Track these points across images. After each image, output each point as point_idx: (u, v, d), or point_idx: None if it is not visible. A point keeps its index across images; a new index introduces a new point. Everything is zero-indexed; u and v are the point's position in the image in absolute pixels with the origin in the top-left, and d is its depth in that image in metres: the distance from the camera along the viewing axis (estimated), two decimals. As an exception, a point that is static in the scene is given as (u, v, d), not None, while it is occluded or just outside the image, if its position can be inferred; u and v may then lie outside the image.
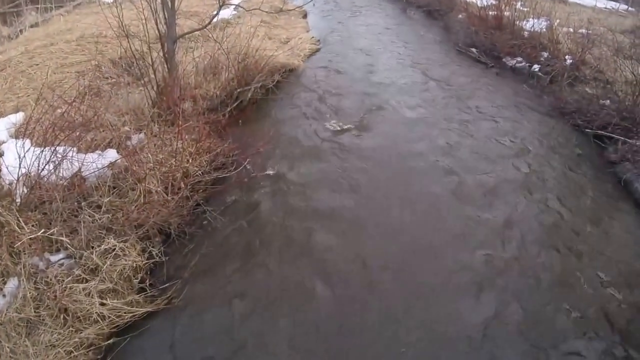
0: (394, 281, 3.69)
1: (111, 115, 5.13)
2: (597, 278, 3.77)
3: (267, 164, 5.23)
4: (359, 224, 4.32)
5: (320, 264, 3.83)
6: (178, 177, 4.47)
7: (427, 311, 3.43)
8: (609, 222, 4.54)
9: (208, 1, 10.83)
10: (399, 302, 3.49)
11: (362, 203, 4.63)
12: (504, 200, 4.72)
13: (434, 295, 3.57)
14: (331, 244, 4.06)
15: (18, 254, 3.37)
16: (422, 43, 10.54)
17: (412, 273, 3.77)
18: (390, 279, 3.71)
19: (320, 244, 4.05)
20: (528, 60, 8.76)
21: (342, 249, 4.01)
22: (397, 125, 6.24)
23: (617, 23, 11.42)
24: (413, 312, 3.41)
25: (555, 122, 6.60)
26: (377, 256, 3.93)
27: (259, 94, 7.10)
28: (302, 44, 9.50)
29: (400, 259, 3.92)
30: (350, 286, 3.64)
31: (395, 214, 4.47)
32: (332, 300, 3.51)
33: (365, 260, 3.88)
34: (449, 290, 3.61)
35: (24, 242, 3.37)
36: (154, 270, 3.76)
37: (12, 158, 3.93)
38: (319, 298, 3.53)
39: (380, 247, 4.04)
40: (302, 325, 3.32)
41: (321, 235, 4.15)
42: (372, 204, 4.63)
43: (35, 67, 6.40)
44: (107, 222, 3.82)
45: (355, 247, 4.03)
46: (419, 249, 4.03)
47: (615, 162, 5.54)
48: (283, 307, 3.46)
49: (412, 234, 4.22)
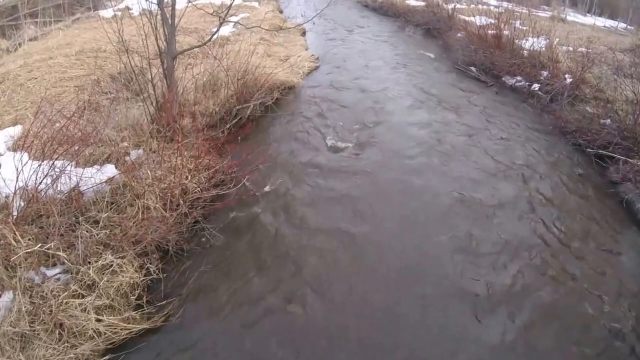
0: (389, 301, 3.73)
1: (110, 131, 5.22)
2: (599, 303, 3.80)
3: (266, 181, 5.31)
4: (357, 244, 4.37)
5: (318, 284, 3.87)
6: (177, 193, 4.54)
7: (425, 335, 3.46)
8: (611, 244, 4.59)
9: (208, 18, 11.01)
10: (393, 323, 3.54)
11: (361, 222, 4.69)
12: (503, 221, 4.79)
13: (431, 319, 3.60)
14: (329, 263, 4.11)
15: (14, 268, 3.42)
16: (421, 61, 10.78)
17: (407, 296, 3.80)
18: (386, 299, 3.75)
19: (318, 264, 4.10)
20: (528, 79, 8.92)
21: (340, 268, 4.06)
22: (395, 144, 6.36)
23: (617, 41, 11.67)
24: (406, 337, 3.44)
25: (556, 141, 6.72)
26: (376, 276, 3.98)
27: (258, 111, 7.23)
28: (301, 62, 9.71)
29: (396, 279, 3.96)
30: (347, 307, 3.67)
31: (392, 233, 4.54)
32: (329, 321, 3.54)
33: (364, 281, 3.92)
34: (445, 315, 3.64)
35: (20, 256, 3.41)
36: (151, 287, 3.80)
37: (9, 171, 3.99)
38: (316, 318, 3.56)
39: (378, 267, 4.08)
40: (300, 345, 3.34)
41: (319, 255, 4.20)
42: (370, 222, 4.69)
43: (33, 80, 6.51)
44: (104, 238, 3.86)
45: (353, 267, 4.08)
46: (415, 270, 4.08)
47: (616, 182, 5.59)
48: (281, 327, 3.49)
49: (408, 254, 4.27)
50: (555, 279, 4.03)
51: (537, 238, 4.55)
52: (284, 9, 16.22)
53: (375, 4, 18.33)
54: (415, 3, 16.40)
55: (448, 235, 4.50)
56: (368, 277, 3.96)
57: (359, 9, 18.15)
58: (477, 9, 12.95)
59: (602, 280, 4.06)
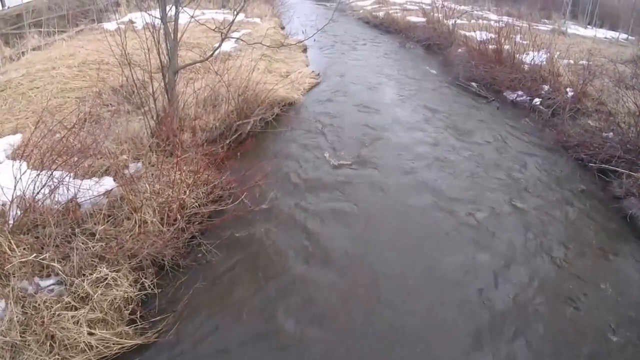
0: (387, 322, 3.77)
1: (110, 143, 5.32)
2: (603, 320, 3.85)
3: (265, 198, 5.39)
4: (355, 264, 4.42)
5: (314, 306, 3.91)
6: (174, 208, 4.60)
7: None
8: (615, 260, 4.65)
9: (210, 33, 11.21)
10: (390, 345, 3.56)
11: (360, 241, 4.76)
12: (505, 238, 4.86)
13: (431, 342, 3.63)
14: (326, 283, 4.16)
15: (7, 277, 3.46)
16: (422, 77, 11.04)
17: (405, 318, 3.84)
18: (385, 322, 3.79)
19: (316, 285, 4.14)
20: (529, 94, 9.09)
21: (337, 289, 4.11)
22: (395, 161, 6.49)
23: (618, 53, 11.88)
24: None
25: (558, 156, 6.84)
26: (375, 299, 4.01)
27: (258, 127, 7.38)
28: (302, 78, 9.95)
29: (394, 301, 4.00)
30: (344, 330, 3.70)
31: (391, 253, 4.60)
32: (325, 344, 3.57)
33: (362, 303, 3.96)
34: (445, 340, 3.66)
35: (14, 265, 3.47)
36: (146, 302, 3.83)
37: (7, 179, 4.05)
38: (312, 341, 3.59)
39: (377, 289, 4.12)
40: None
41: (317, 276, 4.25)
42: (370, 241, 4.76)
43: (35, 90, 6.64)
44: (100, 251, 3.92)
45: (351, 289, 4.11)
46: (413, 291, 4.12)
47: (620, 197, 5.62)
48: (276, 348, 3.52)
49: (407, 274, 4.32)
50: (559, 296, 4.08)
51: (539, 255, 4.62)
52: (286, 25, 16.58)
53: (376, 21, 18.85)
54: (416, 19, 16.87)
55: (450, 256, 4.56)
56: (366, 300, 4.00)
57: (360, 26, 18.61)
58: (477, 24, 13.31)
59: (607, 297, 4.12)
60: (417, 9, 18.68)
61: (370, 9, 21.33)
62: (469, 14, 16.73)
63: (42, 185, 4.05)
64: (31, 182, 4.02)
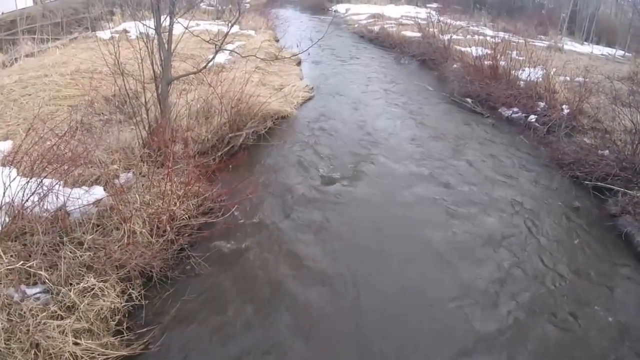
0: (378, 338, 3.82)
1: (101, 152, 5.39)
2: (599, 342, 3.91)
3: (255, 212, 5.47)
4: (344, 279, 4.48)
5: (302, 321, 3.96)
6: (164, 219, 4.67)
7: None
8: (610, 279, 4.73)
9: (204, 45, 11.34)
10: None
11: (349, 256, 4.83)
12: (499, 257, 4.94)
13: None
14: (314, 298, 4.23)
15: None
16: (416, 92, 11.24)
17: (397, 335, 3.90)
18: (374, 337, 3.84)
19: (303, 298, 4.21)
20: (524, 111, 9.21)
21: (324, 303, 4.16)
22: (388, 177, 6.61)
23: (615, 70, 12.09)
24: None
25: (553, 174, 6.97)
26: (362, 317, 4.06)
27: (250, 139, 7.50)
28: (295, 92, 10.10)
29: (385, 318, 4.06)
30: (330, 349, 3.74)
31: (382, 269, 4.67)
32: (311, 356, 3.63)
33: (349, 321, 4.00)
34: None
35: (0, 272, 3.49)
36: (133, 313, 3.87)
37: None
38: (299, 353, 3.65)
39: (364, 308, 4.16)
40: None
41: (306, 290, 4.32)
42: (359, 257, 4.84)
43: (27, 97, 6.71)
44: (88, 260, 3.96)
45: (338, 303, 4.18)
46: (406, 309, 4.19)
47: (615, 214, 5.69)
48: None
49: (398, 291, 4.38)
50: (554, 316, 4.15)
51: (535, 274, 4.69)
52: (280, 38, 16.78)
53: (371, 35, 19.10)
54: (411, 34, 17.10)
55: (443, 274, 4.63)
56: (353, 317, 4.05)
57: (355, 40, 18.88)
58: (473, 40, 13.50)
59: (601, 316, 4.19)
60: (412, 23, 18.86)
61: (366, 23, 21.64)
62: (464, 30, 16.97)
63: (32, 193, 4.11)
64: (20, 189, 4.08)
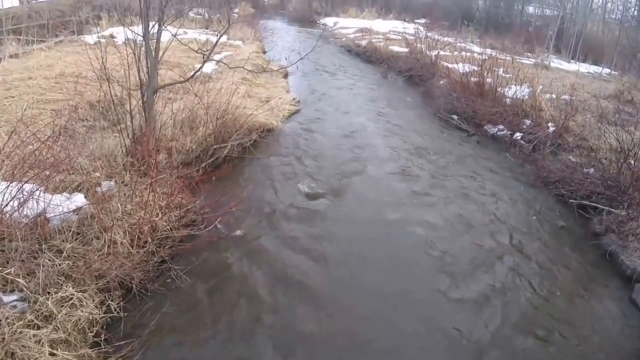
0: (362, 350, 3.89)
1: (83, 159, 5.38)
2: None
3: (238, 225, 5.51)
4: (327, 295, 4.54)
5: (283, 336, 3.99)
6: (145, 230, 4.67)
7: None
8: (593, 299, 4.85)
9: (192, 54, 11.38)
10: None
11: (333, 272, 4.90)
12: (482, 276, 5.02)
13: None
14: (296, 313, 4.26)
15: (-31, 290, 3.43)
16: (402, 108, 11.48)
17: (377, 352, 3.95)
18: (357, 350, 3.90)
19: (284, 312, 4.25)
20: (510, 128, 9.40)
21: (307, 319, 4.20)
22: (372, 193, 6.71)
23: (601, 88, 12.42)
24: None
25: (538, 192, 7.14)
26: (343, 334, 4.09)
27: (235, 151, 7.55)
28: (282, 104, 10.23)
29: (368, 333, 4.11)
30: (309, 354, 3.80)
31: (365, 286, 4.73)
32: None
33: (332, 333, 4.06)
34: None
35: (-24, 278, 3.45)
36: (111, 325, 3.85)
37: (-26, 190, 4.04)
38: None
39: (346, 324, 4.21)
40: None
41: (286, 304, 4.36)
42: (343, 272, 4.91)
43: (10, 99, 6.65)
44: (66, 269, 3.95)
45: (321, 318, 4.23)
46: (387, 325, 4.22)
47: (599, 233, 5.80)
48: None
49: (380, 308, 4.43)
50: (537, 336, 4.22)
51: (515, 294, 4.77)
52: (268, 50, 16.90)
53: (358, 49, 19.35)
54: (398, 49, 17.38)
55: (424, 292, 4.70)
56: (336, 331, 4.09)
57: (342, 54, 19.15)
58: (460, 56, 13.77)
59: (586, 336, 4.30)
60: (400, 38, 19.15)
61: (353, 37, 21.96)
62: (452, 46, 17.27)
63: (11, 198, 4.08)
64: (0, 193, 4.04)
